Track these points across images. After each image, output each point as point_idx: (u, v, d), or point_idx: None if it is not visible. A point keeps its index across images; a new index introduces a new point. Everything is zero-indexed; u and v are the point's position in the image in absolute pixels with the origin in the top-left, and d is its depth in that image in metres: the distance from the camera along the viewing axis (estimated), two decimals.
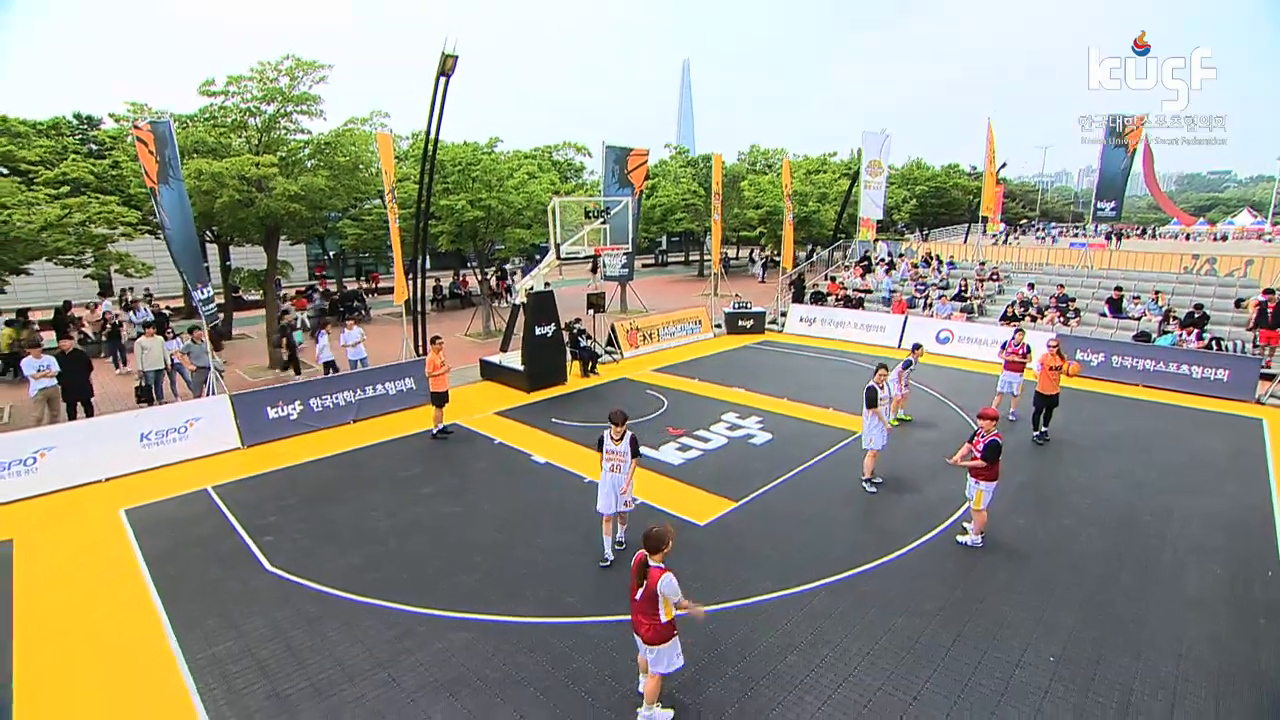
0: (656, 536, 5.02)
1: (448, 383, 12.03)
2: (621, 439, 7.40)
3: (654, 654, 5.09)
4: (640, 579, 5.00)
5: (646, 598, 4.95)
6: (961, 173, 50.99)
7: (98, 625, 6.68)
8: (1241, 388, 13.88)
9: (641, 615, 5.04)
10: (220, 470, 10.61)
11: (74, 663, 6.12)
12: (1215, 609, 6.92)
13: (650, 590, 4.91)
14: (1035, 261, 23.42)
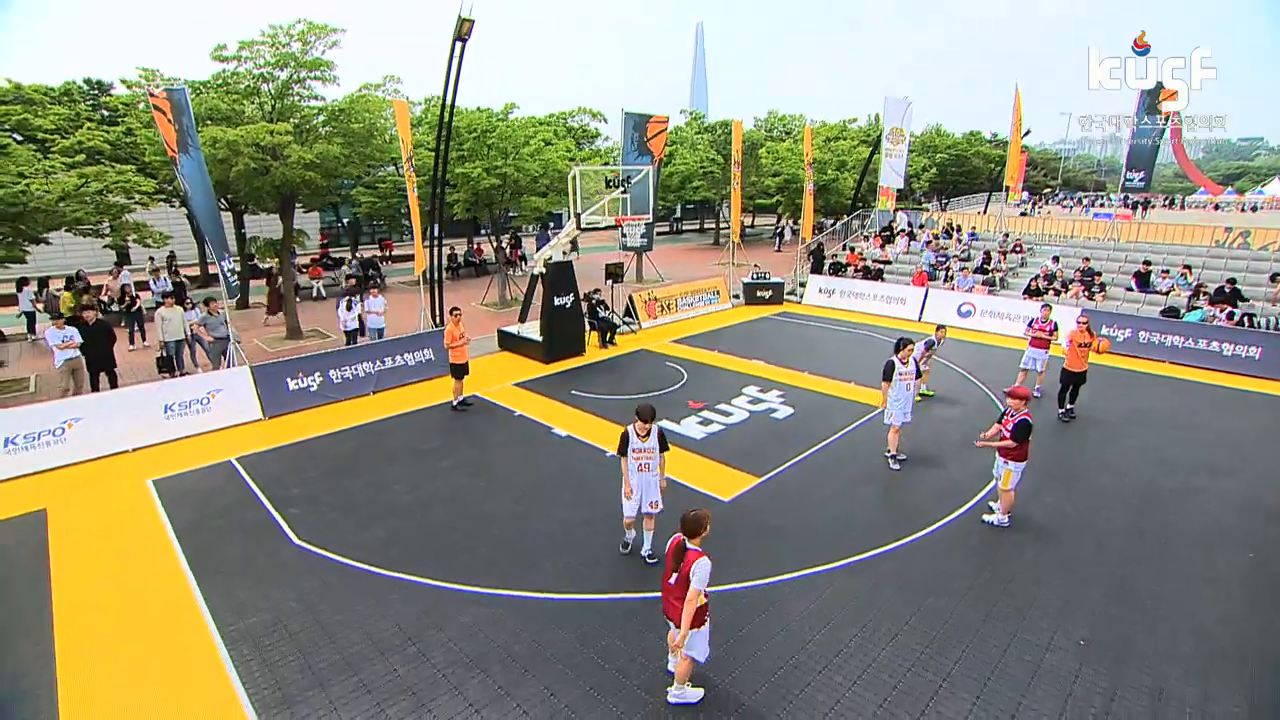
0: (695, 520, 4.97)
1: (467, 354, 11.98)
2: (648, 435, 6.92)
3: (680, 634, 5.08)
4: (676, 562, 4.96)
5: (681, 581, 4.92)
6: (983, 140, 49.68)
7: (133, 596, 6.78)
8: (1275, 366, 13.56)
9: (675, 599, 5.02)
10: (243, 441, 10.69)
11: (112, 634, 6.23)
12: (1243, 593, 6.83)
13: (685, 574, 4.87)
14: (1060, 233, 22.86)
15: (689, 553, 4.89)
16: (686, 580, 4.86)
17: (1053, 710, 5.32)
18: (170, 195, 19.06)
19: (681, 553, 4.95)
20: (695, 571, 4.79)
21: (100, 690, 5.54)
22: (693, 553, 4.87)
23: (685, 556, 4.90)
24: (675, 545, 5.03)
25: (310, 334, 17.28)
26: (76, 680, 5.65)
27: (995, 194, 37.96)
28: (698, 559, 4.81)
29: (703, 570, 4.80)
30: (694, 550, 4.89)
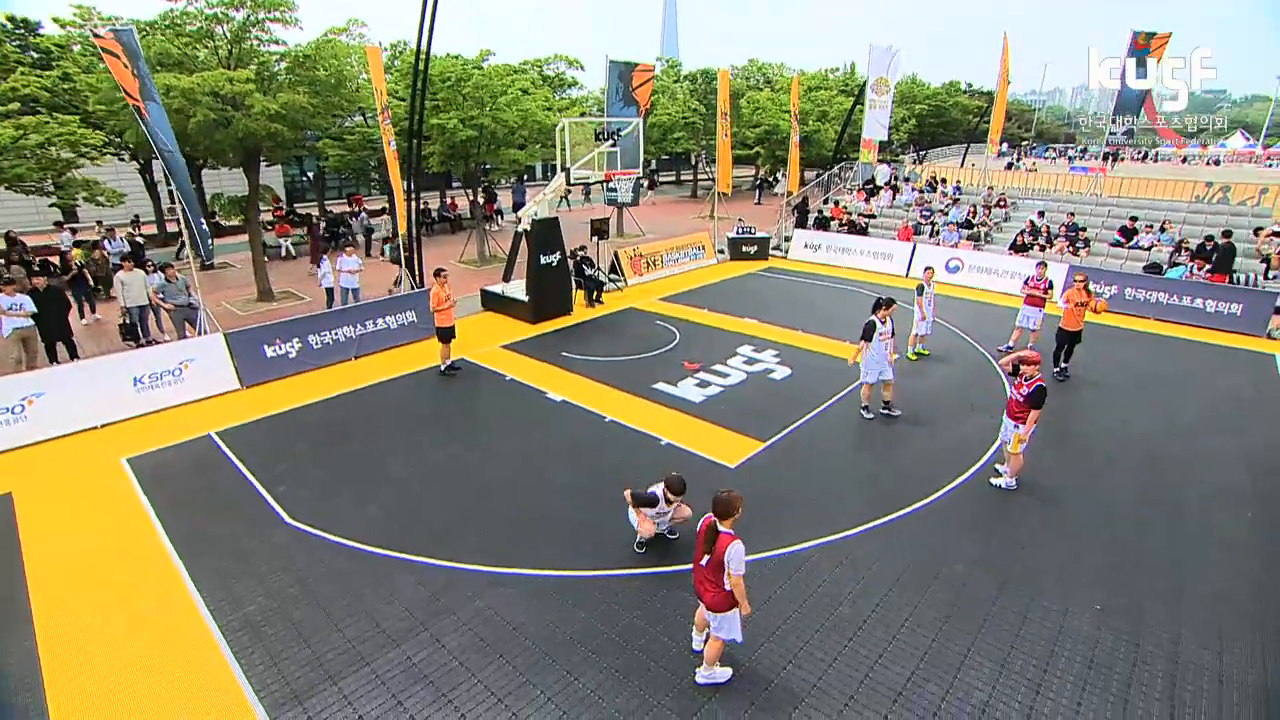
0: (726, 501, 4.77)
1: (453, 317, 11.50)
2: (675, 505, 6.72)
3: (716, 620, 4.93)
4: (708, 544, 4.77)
5: (713, 564, 4.74)
6: (960, 91, 49.09)
7: (118, 586, 6.39)
8: (1254, 322, 13.79)
9: (706, 581, 4.85)
10: (221, 414, 10.15)
11: (100, 629, 5.87)
12: (1250, 554, 6.95)
13: (718, 557, 4.68)
14: (1042, 187, 22.80)
15: (721, 536, 4.71)
16: (719, 563, 4.69)
17: (1076, 678, 5.35)
18: (119, 148, 17.71)
19: (714, 535, 4.75)
20: (731, 557, 4.61)
21: (93, 691, 5.21)
22: (725, 536, 4.69)
23: (717, 540, 4.70)
24: (707, 526, 4.83)
25: (283, 296, 16.47)
26: (65, 681, 5.31)
27: (973, 146, 37.71)
28: (730, 543, 4.63)
29: (737, 554, 4.63)
30: (726, 533, 4.71)
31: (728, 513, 4.77)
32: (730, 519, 4.78)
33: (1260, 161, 59.20)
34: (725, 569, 4.69)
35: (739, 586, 4.69)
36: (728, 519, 4.77)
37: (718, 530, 4.75)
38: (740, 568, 4.65)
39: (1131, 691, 5.24)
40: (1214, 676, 5.39)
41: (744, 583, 4.76)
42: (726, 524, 4.77)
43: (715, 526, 4.77)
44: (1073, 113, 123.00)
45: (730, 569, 4.64)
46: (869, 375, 9.61)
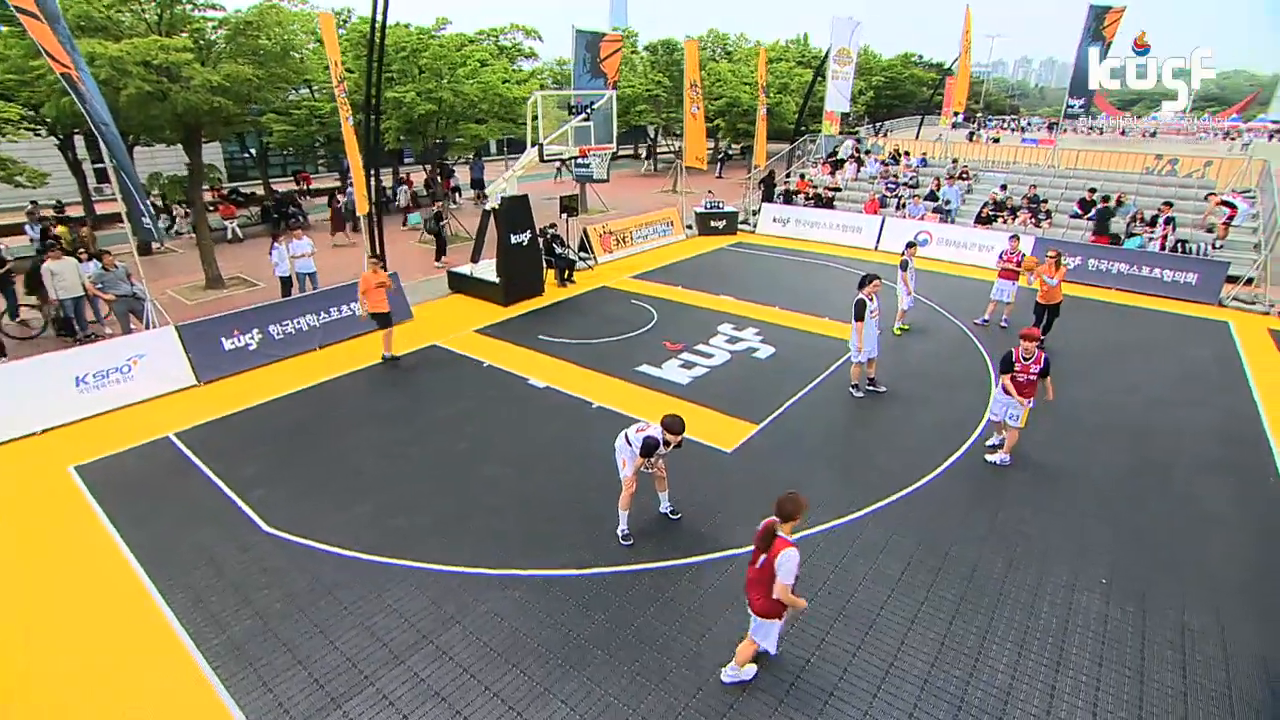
0: (792, 503, 4.52)
1: (386, 300, 10.88)
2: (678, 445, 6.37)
3: (756, 623, 4.77)
4: (764, 546, 4.55)
5: (766, 567, 4.52)
6: (915, 63, 49.49)
7: (82, 614, 5.83)
8: (1208, 291, 14.32)
9: (756, 584, 4.64)
10: (179, 413, 9.43)
11: (68, 663, 5.33)
12: (1233, 521, 7.18)
13: (771, 561, 4.47)
14: (1002, 159, 23.16)
15: (777, 540, 4.48)
16: (771, 567, 4.47)
17: (1093, 655, 5.41)
18: (37, 124, 16.16)
19: (770, 538, 4.52)
20: (781, 563, 4.40)
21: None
22: (781, 541, 4.47)
23: (773, 544, 4.49)
24: (766, 528, 4.57)
25: (233, 282, 15.48)
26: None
27: (929, 117, 38.13)
28: (784, 549, 4.41)
29: (789, 562, 4.40)
30: (783, 538, 4.48)
31: (792, 515, 4.52)
32: (791, 523, 4.54)
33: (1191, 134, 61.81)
34: (774, 574, 4.47)
35: (784, 594, 4.46)
36: (789, 522, 4.54)
37: (774, 533, 4.52)
38: (789, 577, 4.42)
39: (1146, 664, 5.32)
40: (1219, 644, 5.52)
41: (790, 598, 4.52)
42: (786, 528, 4.54)
43: (774, 529, 4.53)
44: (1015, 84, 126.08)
45: (779, 576, 4.42)
46: (860, 354, 9.55)
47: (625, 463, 6.49)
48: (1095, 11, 18.49)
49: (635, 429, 6.45)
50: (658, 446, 6.21)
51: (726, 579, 6.14)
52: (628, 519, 6.67)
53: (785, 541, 4.46)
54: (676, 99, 31.27)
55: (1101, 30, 18.67)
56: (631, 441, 6.40)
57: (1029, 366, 7.61)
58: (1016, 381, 7.66)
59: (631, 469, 6.42)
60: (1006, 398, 7.83)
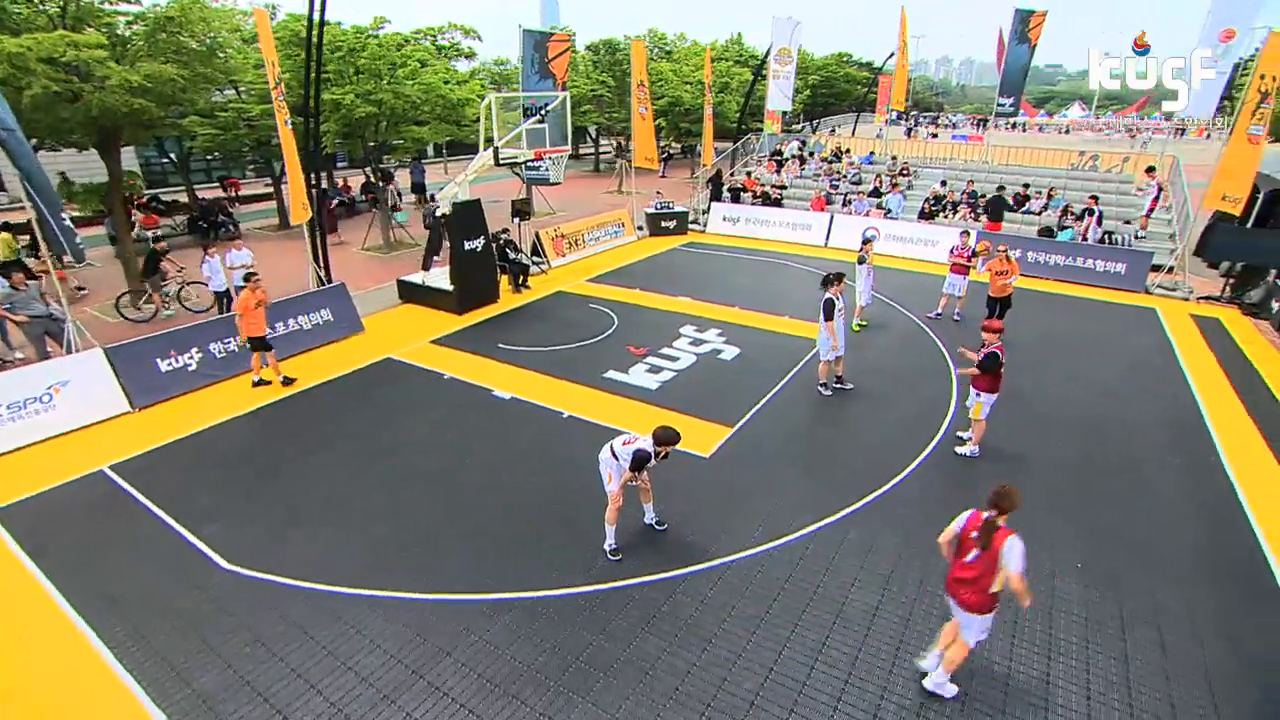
0: (1009, 495, 4.57)
1: (264, 324, 10.02)
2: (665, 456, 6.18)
3: (967, 619, 4.78)
4: (984, 539, 4.55)
5: (985, 561, 4.55)
6: (849, 61, 50.92)
7: (17, 680, 5.23)
8: (1135, 279, 15.20)
9: (972, 580, 4.65)
10: (112, 443, 8.66)
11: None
12: (1186, 502, 7.58)
13: (994, 552, 4.49)
14: (939, 156, 24.03)
15: (999, 530, 4.53)
16: (993, 560, 4.51)
17: (1079, 639, 5.57)
18: None
19: (991, 529, 4.55)
20: (1009, 553, 4.44)
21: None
22: (1004, 530, 4.53)
23: (995, 534, 4.53)
24: (980, 522, 4.62)
25: (162, 297, 14.40)
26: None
27: (864, 115, 39.31)
28: (1009, 536, 4.48)
29: (1019, 549, 4.46)
30: (1005, 528, 4.54)
31: (1010, 506, 4.56)
32: (1007, 514, 4.57)
33: (1097, 130, 65.84)
34: (1000, 566, 4.48)
35: (1018, 582, 4.47)
36: (1006, 514, 4.56)
37: (996, 525, 4.54)
38: (1020, 565, 4.45)
39: (1129, 645, 5.51)
40: (1189, 622, 5.78)
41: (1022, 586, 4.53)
42: (1004, 519, 4.56)
43: (994, 522, 4.55)
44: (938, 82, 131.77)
45: (1010, 566, 4.44)
46: (829, 353, 9.63)
47: (611, 476, 6.32)
48: (1020, 15, 19.36)
49: (621, 441, 6.27)
50: (648, 459, 6.06)
51: (720, 589, 6.05)
52: (615, 533, 6.49)
53: (1008, 530, 4.50)
54: (619, 98, 31.14)
55: (1027, 33, 19.57)
56: (619, 455, 6.22)
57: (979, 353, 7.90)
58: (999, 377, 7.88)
59: (618, 483, 6.25)
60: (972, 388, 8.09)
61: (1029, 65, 20.32)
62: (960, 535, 4.76)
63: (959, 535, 4.77)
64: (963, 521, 4.75)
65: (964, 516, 4.77)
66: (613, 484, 6.29)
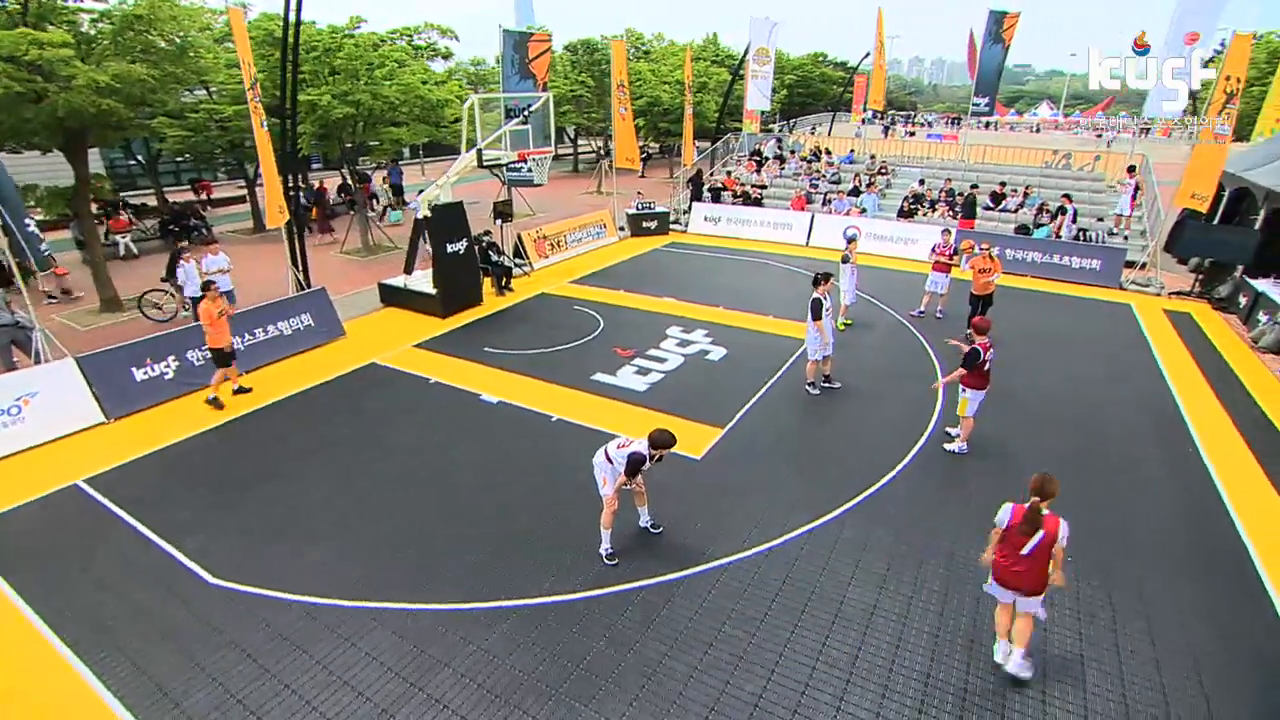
0: (1052, 483, 4.88)
1: (228, 335, 9.61)
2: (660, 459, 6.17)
3: (1029, 602, 5.06)
4: (1032, 528, 4.86)
5: (1044, 546, 4.86)
6: (825, 61, 51.37)
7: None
8: (1110, 275, 15.54)
9: (1031, 566, 4.93)
10: (87, 456, 8.39)
11: None
12: (1173, 490, 7.75)
13: (1051, 536, 4.83)
14: (916, 155, 24.33)
15: (1048, 516, 4.85)
16: (1051, 543, 4.84)
17: (1072, 630, 5.66)
18: None
19: (1036, 517, 4.85)
20: (1063, 536, 4.84)
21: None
22: (1052, 516, 4.86)
23: (1044, 522, 4.84)
24: (1026, 513, 4.90)
25: (133, 303, 14.03)
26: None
27: (840, 114, 39.69)
28: (1059, 522, 4.84)
29: (1067, 530, 4.85)
30: (1051, 514, 4.86)
31: (1053, 493, 4.86)
32: (1049, 500, 4.87)
33: (1065, 128, 67.23)
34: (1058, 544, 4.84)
35: (1060, 555, 4.89)
36: (1048, 500, 4.86)
37: (1040, 512, 4.84)
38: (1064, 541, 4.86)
39: (1119, 637, 5.61)
40: (1176, 609, 5.90)
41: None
42: (1047, 505, 4.86)
43: (1039, 509, 4.84)
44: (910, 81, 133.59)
45: (1063, 541, 4.84)
46: (817, 352, 9.68)
47: (606, 480, 6.27)
48: (995, 16, 19.69)
49: (616, 445, 6.23)
50: (643, 463, 6.02)
51: (719, 592, 6.04)
52: (611, 537, 6.45)
53: (1056, 517, 4.86)
54: (598, 99, 31.05)
55: (1001, 34, 19.90)
56: (613, 458, 6.18)
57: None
58: (983, 374, 7.97)
59: (613, 487, 6.21)
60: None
61: (1003, 65, 20.65)
62: (1008, 529, 4.99)
63: (1006, 530, 5.00)
64: (1008, 515, 5.00)
65: (1006, 510, 5.03)
66: (607, 488, 6.24)
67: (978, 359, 7.98)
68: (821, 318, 9.38)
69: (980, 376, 8.03)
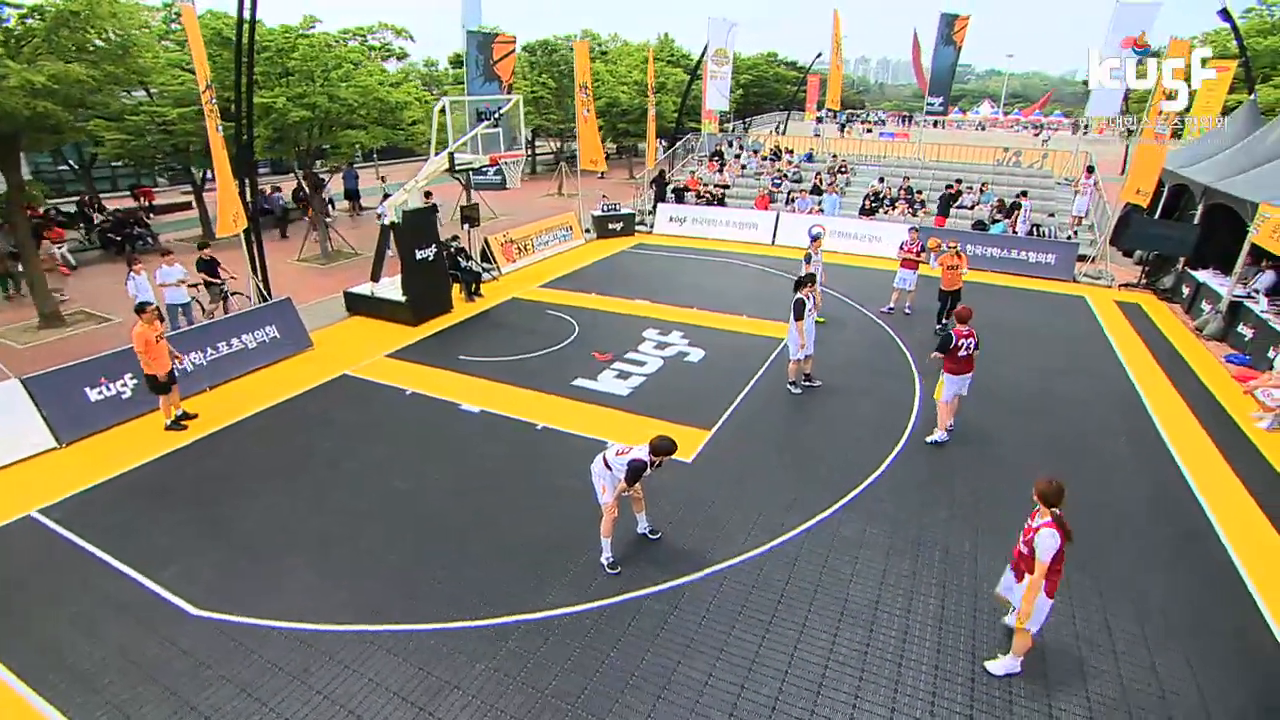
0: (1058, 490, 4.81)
1: (168, 360, 8.84)
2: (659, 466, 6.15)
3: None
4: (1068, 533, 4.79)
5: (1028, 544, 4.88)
6: (778, 61, 52.15)
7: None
8: (1064, 269, 16.20)
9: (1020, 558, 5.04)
10: (39, 485, 7.83)
11: None
12: (1139, 476, 8.11)
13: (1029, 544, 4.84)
14: (874, 153, 24.89)
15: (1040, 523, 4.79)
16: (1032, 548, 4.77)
17: (1067, 614, 5.84)
18: None
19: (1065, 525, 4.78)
20: (1039, 544, 4.71)
21: None
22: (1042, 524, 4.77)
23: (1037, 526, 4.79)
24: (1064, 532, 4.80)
25: (77, 318, 13.25)
26: None
27: (794, 113, 40.36)
28: (1040, 530, 4.74)
29: (1042, 543, 4.70)
30: (1043, 522, 4.78)
31: (1056, 500, 4.80)
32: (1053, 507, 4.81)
33: (1005, 126, 69.79)
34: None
35: (1036, 582, 4.77)
36: (1052, 506, 4.81)
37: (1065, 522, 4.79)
38: (1046, 557, 4.71)
39: (1110, 620, 5.82)
40: (1161, 594, 6.16)
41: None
42: (1048, 512, 4.81)
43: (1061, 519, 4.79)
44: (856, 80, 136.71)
45: (1037, 555, 4.72)
46: (797, 351, 9.79)
47: (605, 488, 6.19)
48: (946, 19, 20.29)
49: (615, 452, 6.15)
50: (644, 469, 5.96)
51: (724, 596, 6.03)
52: (611, 546, 6.37)
53: (1045, 523, 4.78)
54: (556, 100, 30.80)
55: (952, 36, 20.52)
56: (612, 465, 6.10)
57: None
58: (957, 360, 8.19)
59: (613, 494, 6.13)
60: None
61: (955, 65, 21.29)
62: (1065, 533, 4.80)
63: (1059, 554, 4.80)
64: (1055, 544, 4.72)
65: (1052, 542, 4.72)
66: (607, 495, 6.16)
67: (950, 343, 8.25)
68: (804, 318, 9.48)
69: (956, 361, 8.27)
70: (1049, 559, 4.69)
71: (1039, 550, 4.72)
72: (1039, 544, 4.72)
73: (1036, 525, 4.83)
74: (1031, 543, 4.81)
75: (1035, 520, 4.89)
